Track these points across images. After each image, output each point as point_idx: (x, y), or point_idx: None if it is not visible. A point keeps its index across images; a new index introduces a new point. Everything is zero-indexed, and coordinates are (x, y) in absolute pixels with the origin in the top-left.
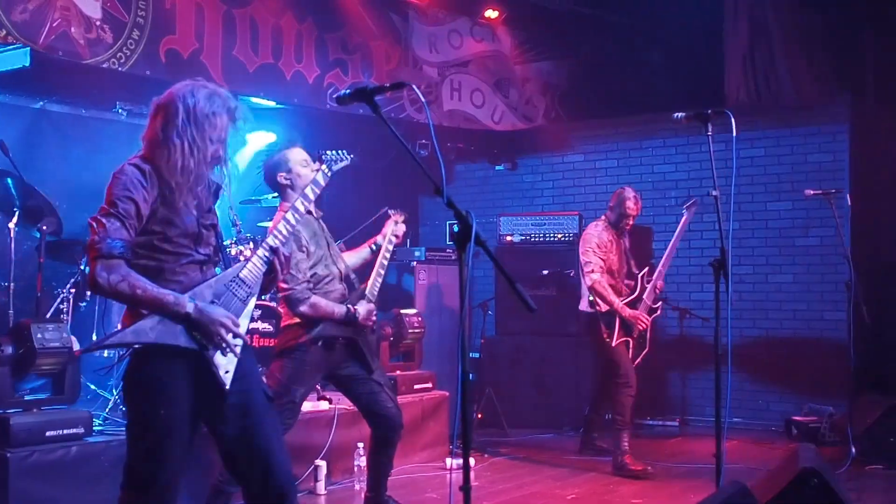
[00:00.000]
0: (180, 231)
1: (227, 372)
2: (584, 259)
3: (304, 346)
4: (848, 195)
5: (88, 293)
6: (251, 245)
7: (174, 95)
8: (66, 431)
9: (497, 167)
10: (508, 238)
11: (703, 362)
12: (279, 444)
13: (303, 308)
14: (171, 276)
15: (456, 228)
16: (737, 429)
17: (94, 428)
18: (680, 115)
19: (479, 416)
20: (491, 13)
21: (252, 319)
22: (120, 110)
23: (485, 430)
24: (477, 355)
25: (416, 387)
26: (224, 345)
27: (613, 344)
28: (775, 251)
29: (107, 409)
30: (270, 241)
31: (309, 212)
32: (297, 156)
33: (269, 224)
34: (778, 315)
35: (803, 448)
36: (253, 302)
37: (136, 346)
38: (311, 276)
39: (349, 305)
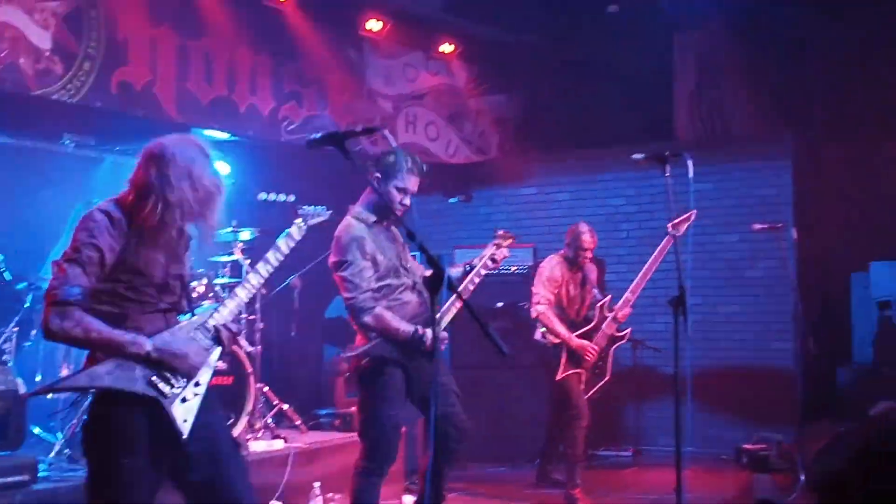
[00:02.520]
0: (146, 281)
1: (185, 421)
2: (534, 290)
3: (373, 367)
4: (793, 228)
5: (33, 332)
6: (204, 281)
7: (167, 148)
8: (10, 479)
9: (451, 200)
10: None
11: (655, 392)
12: (246, 490)
13: (366, 318)
14: (133, 324)
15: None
16: (688, 457)
17: (39, 475)
18: (639, 156)
19: (430, 451)
20: (446, 47)
21: None
22: (67, 142)
23: None
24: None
25: None
26: (188, 374)
27: (558, 377)
28: (724, 282)
29: (51, 454)
30: (224, 314)
31: (377, 221)
32: None
33: (224, 258)
34: (727, 345)
35: (758, 479)
36: (217, 352)
37: (91, 391)
38: (382, 287)
39: (418, 326)
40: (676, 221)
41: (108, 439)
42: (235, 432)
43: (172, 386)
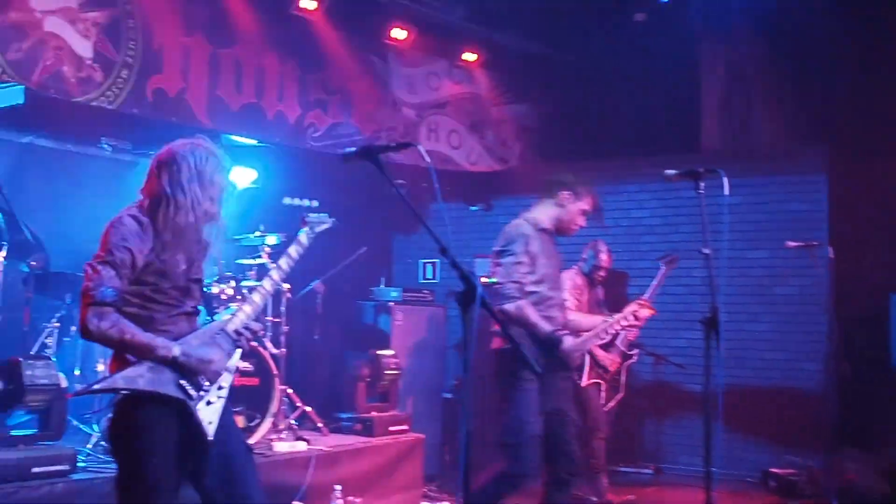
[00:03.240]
0: (171, 284)
1: (210, 423)
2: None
3: (517, 370)
4: (830, 247)
5: (73, 329)
6: (232, 283)
7: (176, 153)
8: (51, 468)
9: (472, 208)
10: (484, 279)
11: (677, 409)
12: (258, 491)
13: (508, 305)
14: (161, 326)
15: (461, 288)
16: (713, 478)
17: (78, 465)
18: (671, 172)
19: (447, 457)
20: (469, 56)
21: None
22: (105, 146)
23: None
24: (450, 396)
25: (391, 428)
26: (214, 380)
27: (583, 383)
28: (753, 300)
29: (89, 445)
30: (241, 318)
31: (545, 230)
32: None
33: (250, 261)
34: (756, 364)
35: None
36: (238, 355)
37: (124, 392)
38: (534, 293)
39: (557, 329)
40: (668, 259)
41: (137, 439)
42: (260, 433)
43: (199, 389)
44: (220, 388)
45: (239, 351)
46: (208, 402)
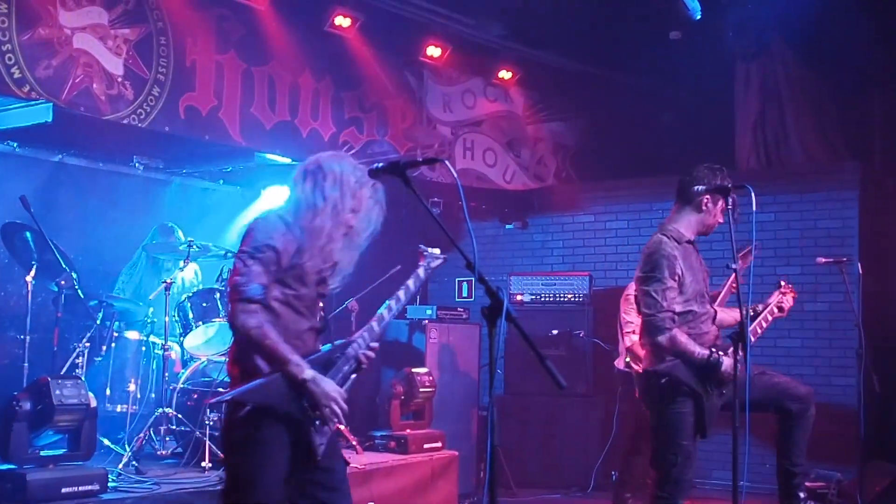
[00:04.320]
0: (306, 292)
1: (320, 445)
2: (626, 318)
3: (666, 394)
4: (859, 263)
5: (104, 348)
6: None
7: (322, 163)
8: (81, 488)
9: (508, 226)
10: (519, 297)
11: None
12: None
13: (661, 338)
14: (295, 339)
15: (488, 304)
16: (744, 492)
17: (109, 485)
18: (700, 188)
19: (484, 474)
20: (504, 74)
21: None
22: (137, 164)
23: None
24: (484, 413)
25: (425, 446)
26: (330, 418)
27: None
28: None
29: (120, 465)
30: (361, 343)
31: (690, 241)
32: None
33: None
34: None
35: None
36: (353, 378)
37: (249, 406)
38: (686, 313)
39: (713, 350)
40: (743, 253)
41: (255, 453)
42: None
43: (315, 410)
44: None
45: (354, 376)
46: (320, 424)
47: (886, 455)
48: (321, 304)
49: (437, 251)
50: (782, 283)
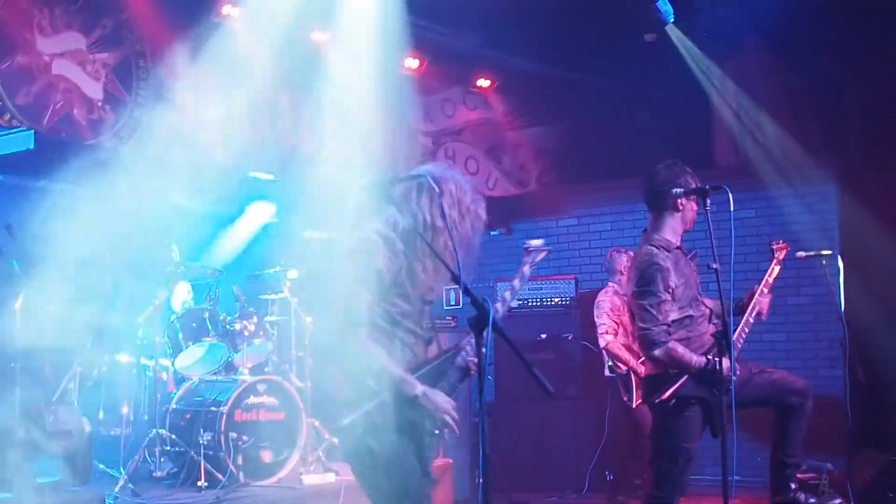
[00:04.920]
0: (413, 304)
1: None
2: (598, 322)
3: (677, 406)
4: (839, 256)
5: (95, 372)
6: (254, 319)
7: (438, 179)
8: None
9: (492, 232)
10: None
11: None
12: None
13: (657, 351)
14: (406, 351)
15: (474, 313)
16: (736, 487)
17: None
18: (678, 190)
19: (480, 479)
20: (483, 82)
21: (258, 394)
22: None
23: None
24: (476, 420)
25: None
26: (445, 428)
27: (634, 405)
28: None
29: (116, 488)
30: (470, 350)
31: (678, 246)
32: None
33: (272, 296)
34: None
35: None
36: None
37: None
38: (683, 319)
39: (709, 356)
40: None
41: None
42: (289, 466)
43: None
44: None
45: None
46: (432, 436)
47: (875, 444)
48: (427, 311)
49: (539, 242)
50: (774, 248)
